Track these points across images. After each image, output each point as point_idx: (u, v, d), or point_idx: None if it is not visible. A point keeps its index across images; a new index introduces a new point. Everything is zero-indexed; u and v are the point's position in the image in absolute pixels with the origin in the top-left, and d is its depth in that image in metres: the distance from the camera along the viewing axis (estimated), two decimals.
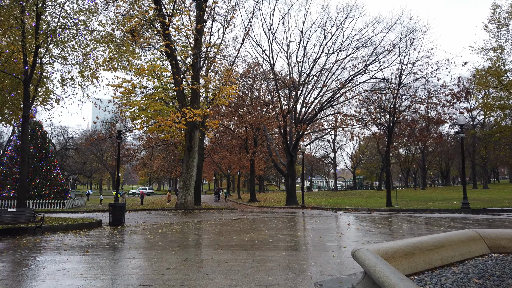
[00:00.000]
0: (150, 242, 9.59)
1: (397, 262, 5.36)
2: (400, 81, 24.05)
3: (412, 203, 29.52)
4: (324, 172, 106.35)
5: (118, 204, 14.08)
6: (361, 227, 12.50)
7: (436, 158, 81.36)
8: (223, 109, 40.23)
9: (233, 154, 49.82)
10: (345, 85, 27.55)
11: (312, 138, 54.63)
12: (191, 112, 19.74)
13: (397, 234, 10.54)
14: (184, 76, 22.96)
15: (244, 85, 35.84)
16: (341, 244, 8.86)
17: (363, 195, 52.02)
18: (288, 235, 10.65)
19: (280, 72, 37.19)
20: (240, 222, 14.67)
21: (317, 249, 8.25)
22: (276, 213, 21.24)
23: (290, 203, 30.49)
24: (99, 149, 76.34)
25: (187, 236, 10.69)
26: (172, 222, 15.62)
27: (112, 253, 7.96)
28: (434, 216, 17.84)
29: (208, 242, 9.46)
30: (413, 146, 73.23)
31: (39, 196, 30.09)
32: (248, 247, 8.48)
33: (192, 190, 23.46)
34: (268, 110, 38.93)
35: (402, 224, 13.66)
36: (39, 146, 31.20)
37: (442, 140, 25.77)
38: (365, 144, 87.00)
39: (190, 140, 23.09)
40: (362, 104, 26.13)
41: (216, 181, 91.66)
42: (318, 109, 30.09)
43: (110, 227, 13.76)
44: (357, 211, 22.48)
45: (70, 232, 12.01)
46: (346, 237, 10.06)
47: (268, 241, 9.40)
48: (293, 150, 32.34)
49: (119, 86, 20.76)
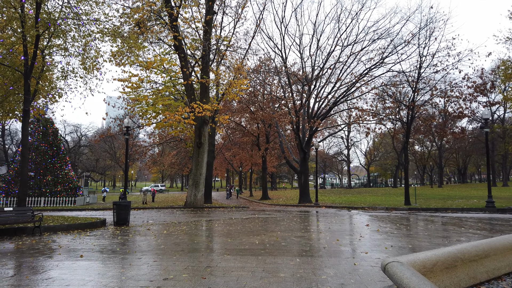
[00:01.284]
0: (152, 245, 8.84)
1: (438, 277, 4.43)
2: (419, 74, 22.87)
3: (430, 201, 28.30)
4: (337, 170, 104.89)
5: (122, 202, 13.39)
6: (381, 229, 11.54)
7: (453, 155, 79.30)
8: (235, 106, 39.50)
9: (244, 151, 49.10)
10: (361, 78, 26.43)
11: (325, 134, 53.55)
12: (200, 107, 18.98)
13: (423, 238, 9.57)
14: (193, 69, 22.19)
15: (256, 81, 35.04)
16: (362, 249, 7.94)
17: (378, 193, 50.72)
18: (302, 237, 9.78)
19: (293, 66, 36.23)
20: (250, 222, 13.85)
21: (335, 255, 7.36)
22: (288, 212, 20.37)
23: (303, 201, 29.58)
24: (111, 146, 76.53)
25: (193, 238, 9.91)
26: (179, 221, 14.89)
27: (108, 259, 7.21)
28: (457, 216, 16.72)
29: (214, 245, 8.66)
30: (429, 143, 71.39)
31: (51, 193, 29.88)
32: (258, 252, 7.63)
33: (202, 188, 22.73)
34: (280, 106, 38.05)
35: (426, 225, 12.64)
36: (50, 143, 30.99)
37: (464, 136, 24.44)
38: (379, 141, 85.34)
39: (199, 136, 22.34)
40: (379, 99, 25.01)
41: (228, 179, 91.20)
42: (332, 104, 29.03)
43: (114, 227, 13.09)
44: (374, 210, 21.44)
45: (70, 233, 11.36)
46: (366, 240, 9.14)
47: (280, 245, 8.55)
48: (306, 146, 31.38)
49: (127, 80, 20.11)
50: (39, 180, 30.12)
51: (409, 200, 23.63)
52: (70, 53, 13.37)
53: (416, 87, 23.09)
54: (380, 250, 7.85)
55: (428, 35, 22.81)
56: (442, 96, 22.23)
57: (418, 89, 23.00)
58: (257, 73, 35.10)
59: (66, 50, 13.29)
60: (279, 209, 23.20)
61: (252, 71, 34.60)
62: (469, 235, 10.07)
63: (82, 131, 75.80)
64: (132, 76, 19.93)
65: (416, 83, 22.89)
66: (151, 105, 21.36)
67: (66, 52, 13.30)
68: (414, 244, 8.57)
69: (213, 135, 31.07)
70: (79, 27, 12.76)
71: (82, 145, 72.90)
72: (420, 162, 73.56)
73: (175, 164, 61.19)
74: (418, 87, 23.18)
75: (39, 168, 30.25)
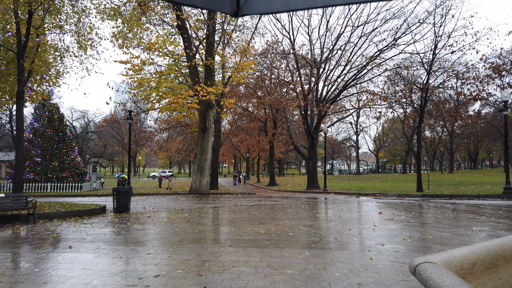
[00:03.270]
0: (150, 234, 8.22)
1: (479, 279, 3.66)
2: (435, 55, 21.74)
3: (442, 187, 27.44)
4: (345, 156, 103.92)
5: (122, 189, 12.80)
6: (395, 217, 10.80)
7: (464, 141, 77.79)
8: (242, 91, 38.67)
9: (252, 137, 48.41)
10: (372, 60, 25.32)
11: (333, 120, 52.57)
12: (204, 90, 18.19)
13: (442, 227, 8.81)
14: (197, 50, 21.33)
15: (263, 65, 34.12)
16: (377, 240, 7.22)
17: (387, 179, 49.86)
18: (311, 226, 9.08)
19: (301, 47, 35.13)
20: (256, 209, 13.20)
21: (348, 247, 6.65)
22: (296, 198, 19.70)
23: (311, 188, 28.89)
24: (119, 132, 76.34)
25: (194, 226, 9.28)
26: (182, 208, 14.30)
27: (98, 250, 6.59)
28: (474, 203, 15.88)
29: (216, 235, 8.01)
30: (439, 128, 69.95)
31: (57, 179, 29.64)
32: (263, 243, 6.95)
33: (207, 174, 22.10)
34: (288, 91, 37.12)
35: (442, 213, 11.86)
36: (56, 128, 30.66)
37: (480, 120, 23.36)
38: (388, 126, 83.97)
39: (204, 121, 21.61)
40: (390, 81, 23.94)
41: (235, 165, 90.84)
42: (341, 88, 28.00)
43: (114, 214, 12.53)
44: (385, 196, 20.67)
45: (67, 220, 10.81)
46: (381, 230, 8.41)
47: (287, 235, 7.86)
48: (315, 131, 30.53)
49: (128, 62, 19.34)
50: (45, 165, 29.86)
51: (421, 186, 22.78)
52: (65, 31, 12.60)
53: (431, 69, 22.01)
54: (397, 241, 7.12)
55: (444, 13, 21.58)
56: (459, 78, 21.10)
57: (433, 70, 21.91)
58: (264, 57, 34.15)
59: (61, 28, 12.53)
60: (286, 196, 22.55)
61: (259, 55, 33.65)
62: (492, 224, 9.29)
63: (89, 117, 75.53)
64: (133, 58, 19.15)
65: (431, 64, 21.80)
66: (154, 88, 20.61)
67: (61, 30, 12.54)
68: (435, 234, 7.83)
69: (219, 120, 30.34)
70: (73, 3, 11.98)
71: (89, 131, 72.76)
72: (430, 148, 72.33)
73: (182, 150, 60.81)
74: (432, 69, 22.11)
75: (45, 153, 29.98)
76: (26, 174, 29.65)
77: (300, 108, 29.40)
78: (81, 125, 75.34)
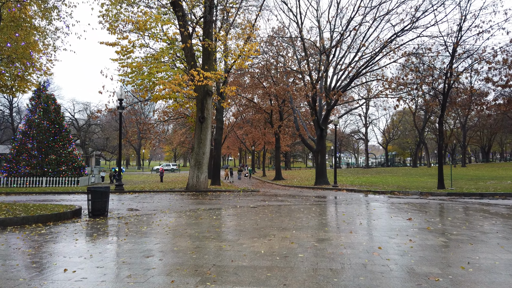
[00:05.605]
0: (109, 257, 6.15)
1: None
2: (461, 36, 19.36)
3: (460, 182, 25.17)
4: (352, 149, 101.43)
5: (98, 188, 10.74)
6: (430, 225, 8.63)
7: (477, 133, 75.03)
8: (247, 82, 36.54)
9: (257, 129, 46.40)
10: (387, 44, 22.93)
11: (341, 112, 50.24)
12: (201, 75, 16.02)
13: (502, 241, 6.63)
14: (194, 30, 19.10)
15: (269, 53, 31.91)
16: (425, 268, 5.07)
17: (398, 172, 47.55)
18: (328, 242, 6.95)
19: (310, 31, 32.83)
20: (258, 213, 11.09)
21: (386, 281, 4.51)
22: (305, 198, 17.55)
23: (319, 183, 26.75)
24: (123, 125, 74.58)
25: (175, 241, 7.20)
26: (173, 210, 12.25)
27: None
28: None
29: (198, 258, 5.89)
30: (451, 120, 67.30)
31: (53, 172, 27.91)
32: (263, 276, 4.84)
33: (206, 169, 19.99)
34: (294, 81, 34.90)
35: (487, 219, 9.64)
36: (52, 120, 28.94)
37: (511, 108, 21.03)
38: (398, 118, 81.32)
39: (201, 110, 19.45)
40: (409, 66, 21.58)
41: (241, 158, 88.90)
42: (352, 76, 25.62)
43: (89, 218, 10.51)
44: (405, 195, 18.43)
45: (26, 228, 8.80)
46: (420, 248, 6.25)
47: (296, 259, 5.74)
48: (323, 123, 28.32)
49: (115, 44, 17.20)
50: (41, 159, 28.13)
51: (443, 183, 20.49)
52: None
53: (455, 52, 19.64)
54: (454, 269, 4.96)
55: None
56: (489, 62, 18.69)
57: (458, 54, 19.55)
58: (270, 44, 31.92)
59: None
60: (293, 193, 20.43)
61: (264, 42, 31.40)
62: None
63: (92, 109, 73.82)
64: (121, 39, 16.99)
65: (455, 47, 19.42)
66: (145, 74, 18.47)
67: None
68: (502, 258, 5.66)
69: (221, 110, 28.22)
70: None
71: (92, 124, 71.09)
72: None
73: (185, 142, 58.89)
74: (457, 52, 19.75)
75: (41, 146, 28.25)
76: (21, 168, 27.98)
77: (308, 97, 27.14)
78: (84, 118, 73.71)
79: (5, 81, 18.93)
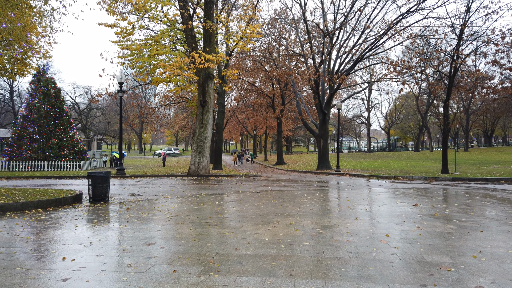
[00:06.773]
0: (109, 245, 6.00)
1: None
2: (468, 17, 18.84)
3: (464, 167, 25.01)
4: (354, 133, 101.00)
5: (99, 173, 10.58)
6: (438, 211, 8.45)
7: (480, 117, 74.50)
8: (248, 65, 36.02)
9: (259, 113, 46.08)
10: (393, 26, 22.37)
11: (343, 96, 49.76)
12: (202, 57, 15.66)
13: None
14: (194, 11, 18.62)
15: (271, 36, 31.36)
16: (435, 258, 4.89)
17: (400, 157, 47.36)
18: (333, 229, 6.79)
19: (313, 12, 32.17)
20: (261, 199, 10.94)
21: (397, 274, 4.34)
22: (307, 182, 17.40)
23: (322, 167, 26.59)
24: (124, 109, 74.15)
25: (176, 228, 7.05)
26: (174, 195, 12.12)
27: None
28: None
29: (202, 246, 5.73)
30: (454, 105, 66.66)
31: (55, 157, 27.84)
32: (267, 265, 4.68)
33: (207, 153, 19.80)
34: (297, 65, 34.38)
35: (496, 205, 9.47)
36: (53, 104, 28.72)
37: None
38: (401, 103, 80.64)
39: (203, 94, 19.14)
40: (415, 49, 21.11)
41: (242, 142, 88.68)
42: (356, 59, 25.12)
43: (89, 203, 10.38)
44: (410, 180, 18.25)
45: (24, 213, 8.67)
46: (428, 236, 6.08)
47: (301, 246, 5.58)
48: (326, 107, 27.95)
49: (114, 25, 16.79)
50: (42, 143, 28.00)
51: (447, 167, 20.29)
52: None
53: (462, 34, 19.16)
54: (467, 258, 4.79)
55: None
56: (497, 44, 18.23)
57: (466, 36, 19.07)
58: (272, 26, 31.32)
59: None
60: (296, 178, 20.28)
61: (267, 24, 30.81)
62: None
63: (92, 93, 73.27)
64: (121, 20, 16.56)
65: (463, 28, 18.93)
66: (145, 57, 18.09)
67: None
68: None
69: (223, 94, 27.88)
70: None
71: (93, 108, 70.67)
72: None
73: (186, 127, 58.62)
74: (464, 34, 19.26)
75: (42, 130, 28.09)
76: (23, 152, 27.89)
77: (311, 81, 26.72)
78: (85, 102, 73.24)
79: (4, 64, 18.59)
